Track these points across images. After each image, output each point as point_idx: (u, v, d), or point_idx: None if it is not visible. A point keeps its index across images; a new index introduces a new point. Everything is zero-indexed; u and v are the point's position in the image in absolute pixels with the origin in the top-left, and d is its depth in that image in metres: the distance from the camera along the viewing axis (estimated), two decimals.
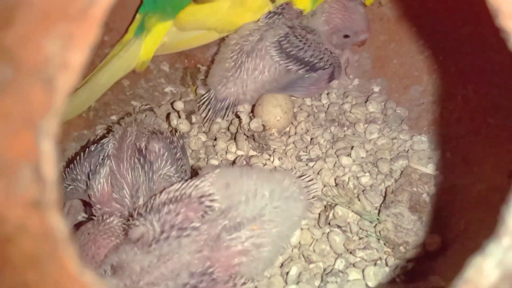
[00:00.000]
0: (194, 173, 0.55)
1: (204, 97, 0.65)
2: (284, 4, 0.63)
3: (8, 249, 0.18)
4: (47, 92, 0.17)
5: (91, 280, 0.18)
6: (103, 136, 0.59)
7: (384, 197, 0.54)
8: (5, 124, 0.17)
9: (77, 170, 0.52)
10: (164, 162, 0.52)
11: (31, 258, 0.18)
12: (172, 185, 0.47)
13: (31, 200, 0.18)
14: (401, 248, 0.49)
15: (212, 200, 0.44)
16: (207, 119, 0.65)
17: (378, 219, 0.52)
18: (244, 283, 0.42)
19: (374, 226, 0.52)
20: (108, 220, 0.46)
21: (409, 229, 0.51)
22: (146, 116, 0.62)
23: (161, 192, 0.46)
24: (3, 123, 0.17)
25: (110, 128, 0.61)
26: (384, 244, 0.51)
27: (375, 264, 0.49)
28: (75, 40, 0.16)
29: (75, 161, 0.53)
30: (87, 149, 0.53)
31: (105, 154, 0.51)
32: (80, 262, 0.18)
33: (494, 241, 0.22)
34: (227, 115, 0.64)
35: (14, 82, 0.17)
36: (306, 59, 0.63)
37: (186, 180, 0.49)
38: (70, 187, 0.52)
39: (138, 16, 0.63)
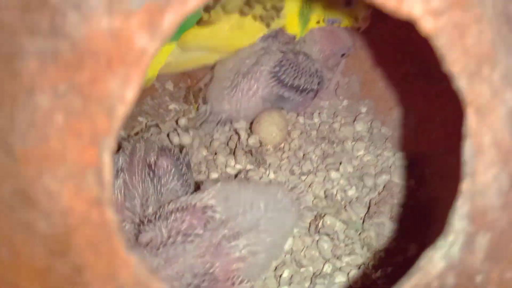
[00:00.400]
0: (197, 186, 0.61)
1: (201, 111, 0.71)
2: (278, 29, 0.69)
3: (73, 235, 0.24)
4: (108, 118, 0.22)
5: (136, 260, 0.24)
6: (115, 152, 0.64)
7: (368, 208, 0.60)
8: (78, 140, 0.23)
9: None
10: (171, 177, 0.57)
11: (90, 243, 0.24)
12: (178, 197, 0.52)
13: (94, 198, 0.23)
14: (382, 253, 0.55)
15: (214, 211, 0.50)
16: (203, 132, 0.70)
17: (362, 227, 0.58)
18: (241, 282, 0.47)
19: (359, 234, 0.57)
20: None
21: (390, 237, 0.57)
22: (151, 134, 0.68)
23: (169, 203, 0.51)
24: (76, 139, 0.23)
25: (118, 143, 0.67)
26: (367, 250, 0.56)
27: (359, 268, 0.54)
28: (131, 80, 0.22)
29: None
30: None
31: (118, 168, 0.56)
32: (128, 247, 0.24)
33: (442, 238, 0.28)
34: (222, 129, 0.70)
35: (84, 110, 0.22)
36: (300, 86, 0.69)
37: (190, 193, 0.54)
38: None
39: None
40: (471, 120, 0.29)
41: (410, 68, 0.77)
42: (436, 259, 0.27)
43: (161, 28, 0.22)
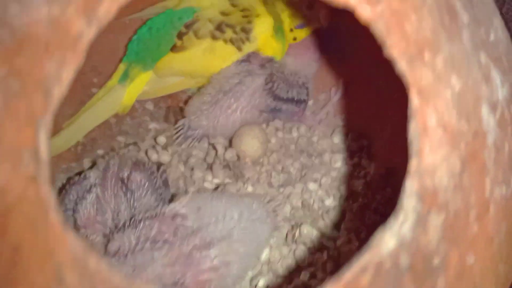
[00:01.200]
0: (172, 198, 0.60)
1: (179, 124, 0.71)
2: (251, 53, 0.71)
3: (11, 214, 0.24)
4: (45, 99, 0.23)
5: (72, 237, 0.24)
6: (89, 169, 0.65)
7: (344, 216, 0.60)
8: (15, 121, 0.23)
9: (66, 201, 0.57)
10: (145, 192, 0.57)
11: (28, 221, 0.24)
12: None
13: (30, 175, 0.23)
14: None
15: (184, 219, 0.49)
16: (179, 146, 0.70)
17: (338, 235, 0.57)
18: None
19: (334, 242, 0.57)
20: (90, 238, 0.51)
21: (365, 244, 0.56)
22: (128, 150, 0.68)
23: (139, 213, 0.51)
24: (13, 121, 0.23)
25: (95, 162, 0.67)
26: (342, 257, 0.55)
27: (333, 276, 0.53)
28: (67, 63, 0.23)
29: (61, 193, 0.58)
30: (71, 180, 0.59)
31: (91, 183, 0.56)
32: (64, 224, 0.24)
33: (393, 216, 0.28)
34: (200, 146, 0.70)
35: (22, 92, 0.23)
36: (294, 98, 0.71)
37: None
38: None
39: (122, 65, 0.70)
40: (415, 101, 0.30)
41: (384, 82, 0.78)
42: (387, 238, 0.27)
43: (97, 14, 0.23)
